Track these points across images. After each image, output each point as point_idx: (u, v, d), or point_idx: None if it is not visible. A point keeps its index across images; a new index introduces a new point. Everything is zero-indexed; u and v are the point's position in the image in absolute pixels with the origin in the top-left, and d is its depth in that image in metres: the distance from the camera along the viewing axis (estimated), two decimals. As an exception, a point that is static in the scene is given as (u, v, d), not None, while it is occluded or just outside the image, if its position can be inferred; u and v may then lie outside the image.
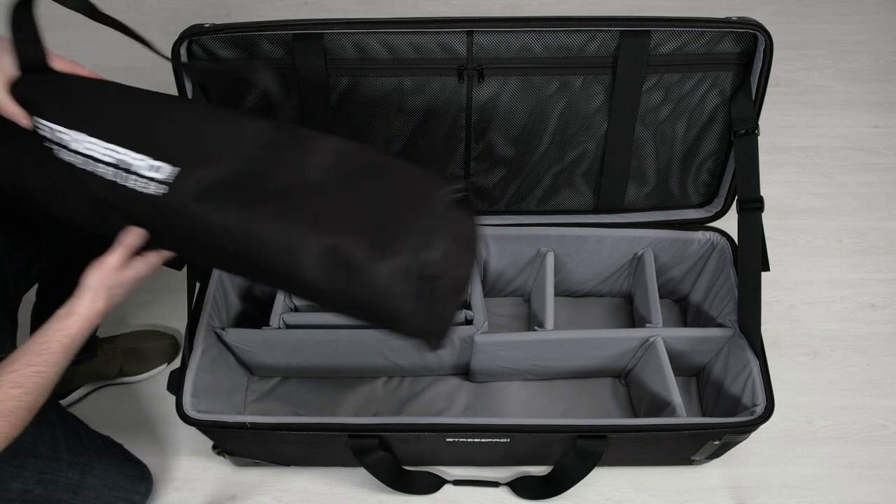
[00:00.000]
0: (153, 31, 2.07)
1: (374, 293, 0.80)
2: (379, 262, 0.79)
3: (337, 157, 0.86)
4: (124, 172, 0.84)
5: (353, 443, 1.12)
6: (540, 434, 1.11)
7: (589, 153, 1.25)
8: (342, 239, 0.80)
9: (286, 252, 0.81)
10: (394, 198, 0.84)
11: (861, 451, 1.35)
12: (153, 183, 0.83)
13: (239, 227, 0.82)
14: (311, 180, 0.85)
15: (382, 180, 0.86)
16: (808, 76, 1.96)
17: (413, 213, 0.82)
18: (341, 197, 0.83)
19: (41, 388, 0.87)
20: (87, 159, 0.85)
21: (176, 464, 1.34)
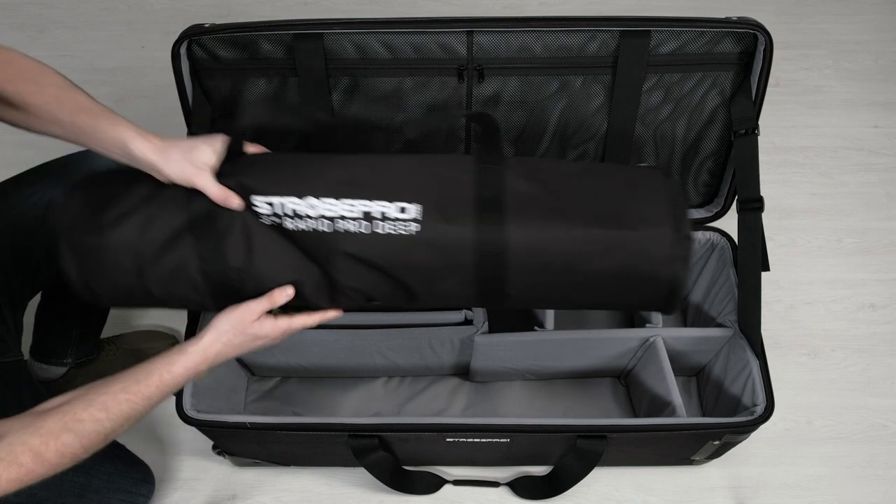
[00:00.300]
0: (153, 31, 2.08)
1: (652, 263, 0.90)
2: (649, 231, 0.90)
3: (545, 168, 0.95)
4: (378, 222, 0.88)
5: (353, 443, 1.12)
6: (540, 434, 1.11)
7: (589, 153, 1.25)
8: (602, 224, 0.89)
9: (581, 252, 0.90)
10: (622, 188, 0.94)
11: (861, 451, 1.35)
12: (411, 223, 0.88)
13: (523, 236, 0.89)
14: (537, 185, 0.92)
15: (599, 177, 0.95)
16: (808, 76, 1.96)
17: (646, 196, 0.93)
18: (575, 196, 0.92)
19: (126, 418, 0.84)
20: (330, 221, 0.88)
21: (176, 464, 1.34)
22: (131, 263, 0.90)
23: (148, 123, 0.92)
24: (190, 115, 1.16)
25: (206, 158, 0.88)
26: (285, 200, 0.88)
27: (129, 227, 0.89)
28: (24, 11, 2.15)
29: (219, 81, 1.16)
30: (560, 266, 0.91)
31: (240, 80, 1.16)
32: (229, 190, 0.88)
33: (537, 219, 0.90)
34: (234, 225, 0.90)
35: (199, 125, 1.17)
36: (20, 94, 0.87)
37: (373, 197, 0.88)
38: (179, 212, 0.90)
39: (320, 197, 0.88)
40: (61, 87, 0.89)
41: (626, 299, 0.96)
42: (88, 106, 0.88)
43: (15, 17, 2.13)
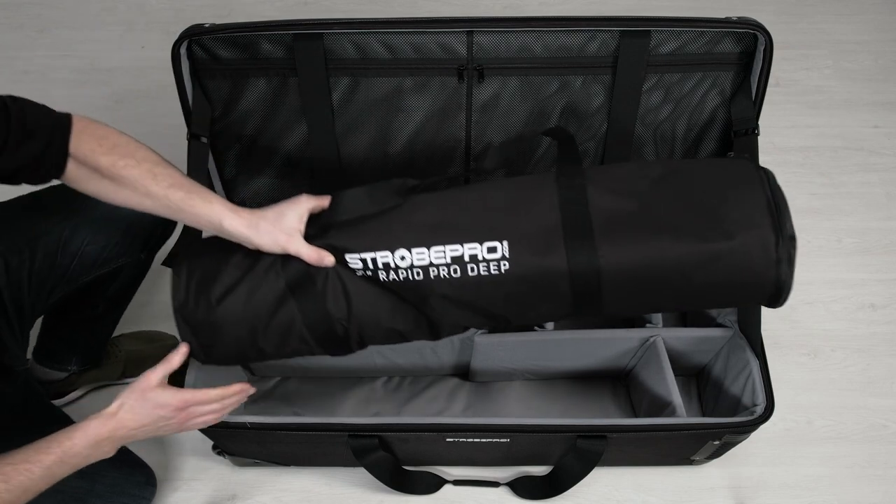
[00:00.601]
0: (153, 31, 2.08)
1: (754, 272, 0.86)
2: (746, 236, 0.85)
3: (626, 178, 0.92)
4: (469, 265, 0.89)
5: (353, 443, 1.12)
6: (540, 434, 1.11)
7: (589, 153, 1.25)
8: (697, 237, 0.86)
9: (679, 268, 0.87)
10: (712, 189, 0.89)
11: (861, 451, 1.35)
12: (501, 262, 0.89)
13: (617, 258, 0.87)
14: (623, 200, 0.89)
15: (685, 179, 0.91)
16: (808, 76, 1.96)
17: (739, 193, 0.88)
18: (663, 206, 0.88)
19: (24, 489, 0.84)
20: (421, 269, 0.91)
21: (176, 464, 1.34)
22: (242, 331, 0.96)
23: (148, 123, 0.92)
24: (190, 115, 1.16)
25: (294, 224, 0.92)
26: (377, 255, 0.91)
27: (235, 300, 0.95)
28: (24, 11, 2.15)
29: (219, 81, 1.16)
30: (657, 282, 0.89)
31: (240, 80, 1.16)
32: (322, 249, 0.92)
33: (628, 238, 0.88)
34: (331, 282, 0.94)
35: (200, 125, 1.17)
36: (116, 166, 0.89)
37: (461, 240, 0.89)
38: (277, 279, 0.94)
39: (410, 248, 0.90)
40: (156, 162, 0.92)
41: (729, 302, 0.94)
42: (181, 182, 0.92)
43: (15, 17, 2.13)
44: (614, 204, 0.89)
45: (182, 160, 1.17)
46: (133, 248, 1.14)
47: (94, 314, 1.25)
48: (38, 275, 1.07)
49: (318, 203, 0.96)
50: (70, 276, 1.10)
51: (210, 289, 0.96)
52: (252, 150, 1.25)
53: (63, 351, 1.32)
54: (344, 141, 1.23)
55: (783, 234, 0.85)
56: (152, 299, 1.53)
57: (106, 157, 0.89)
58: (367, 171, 1.27)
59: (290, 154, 1.26)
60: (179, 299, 0.97)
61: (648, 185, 0.90)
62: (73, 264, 1.10)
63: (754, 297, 0.90)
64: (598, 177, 0.93)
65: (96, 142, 0.90)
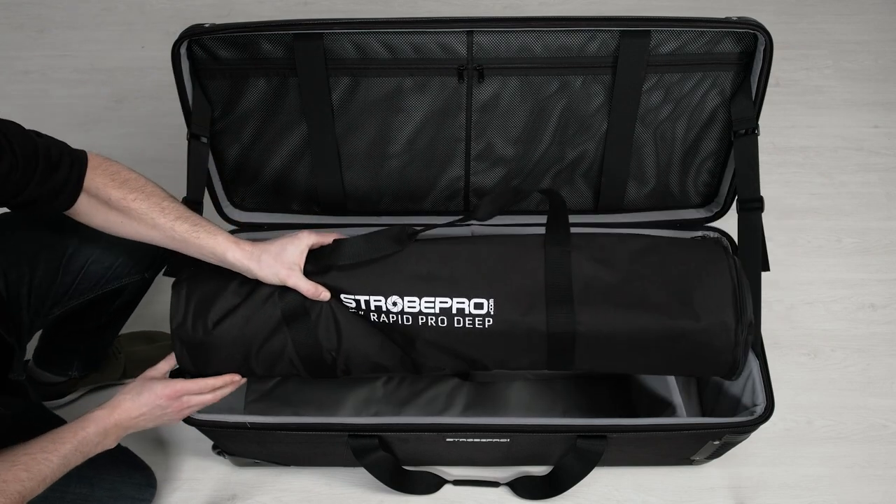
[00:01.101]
0: (153, 31, 2.08)
1: (715, 351, 0.97)
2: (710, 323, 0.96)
3: (609, 249, 1.01)
4: (456, 317, 0.97)
5: (353, 443, 1.12)
6: (540, 434, 1.11)
7: (589, 153, 1.25)
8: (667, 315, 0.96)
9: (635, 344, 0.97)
10: (685, 269, 0.99)
11: (861, 451, 1.35)
12: (486, 318, 0.97)
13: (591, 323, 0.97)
14: (603, 271, 0.98)
15: (661, 256, 1.01)
16: (808, 76, 1.96)
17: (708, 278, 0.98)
18: (641, 281, 0.97)
19: (43, 478, 0.89)
20: (411, 315, 0.98)
21: (176, 464, 1.34)
22: (235, 353, 1.03)
23: (148, 123, 0.93)
24: (190, 115, 1.16)
25: (295, 259, 0.98)
26: (371, 298, 0.98)
27: (231, 325, 1.01)
28: (24, 11, 2.15)
29: (219, 81, 1.16)
30: (627, 348, 0.98)
31: (240, 80, 1.16)
32: (319, 285, 0.98)
33: (605, 307, 0.96)
34: (324, 315, 1.01)
35: (200, 125, 1.17)
36: (126, 199, 0.95)
37: (451, 294, 0.97)
38: (274, 308, 1.00)
39: (403, 296, 0.97)
40: (163, 196, 0.98)
41: (689, 372, 1.05)
42: (187, 215, 0.98)
43: (15, 17, 2.13)
44: (595, 273, 0.98)
45: (182, 160, 1.17)
46: (138, 268, 1.15)
47: (97, 326, 1.25)
48: (37, 290, 1.07)
49: (319, 239, 1.01)
50: (72, 293, 1.11)
51: (208, 312, 1.01)
52: (252, 150, 1.25)
53: (64, 358, 1.32)
54: (344, 141, 1.23)
55: (743, 321, 0.95)
56: (153, 300, 1.53)
57: (117, 191, 0.95)
58: (367, 170, 1.28)
59: (290, 154, 1.26)
60: (178, 320, 1.02)
61: (628, 259, 1.00)
62: (75, 282, 1.10)
63: (712, 370, 1.01)
64: (583, 244, 1.02)
65: (109, 177, 0.95)
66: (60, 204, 0.94)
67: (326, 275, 1.00)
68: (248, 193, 1.31)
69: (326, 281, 0.99)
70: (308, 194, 1.31)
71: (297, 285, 0.97)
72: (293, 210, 1.34)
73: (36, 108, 1.88)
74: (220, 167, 1.27)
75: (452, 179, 1.29)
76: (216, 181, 1.27)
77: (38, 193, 0.91)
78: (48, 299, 1.08)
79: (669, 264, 1.00)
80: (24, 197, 0.91)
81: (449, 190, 1.30)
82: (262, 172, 1.28)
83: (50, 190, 0.92)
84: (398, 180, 1.29)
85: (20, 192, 0.90)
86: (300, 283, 0.97)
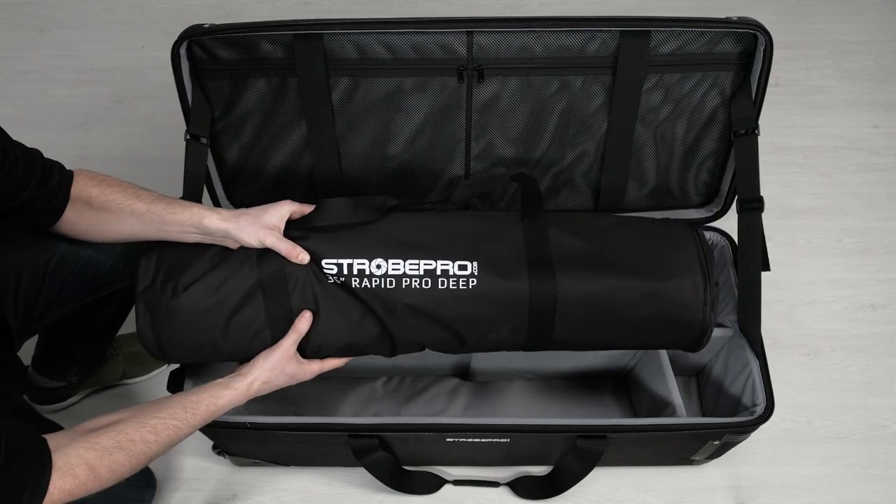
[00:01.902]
0: (153, 32, 2.08)
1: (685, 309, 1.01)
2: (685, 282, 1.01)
3: (583, 225, 1.06)
4: (440, 279, 0.97)
5: (353, 443, 1.12)
6: (540, 434, 1.11)
7: (589, 153, 1.25)
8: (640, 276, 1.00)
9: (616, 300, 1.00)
10: (655, 241, 1.05)
11: (861, 451, 1.35)
12: (470, 279, 0.98)
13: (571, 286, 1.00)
14: (579, 241, 1.03)
15: (633, 232, 1.06)
16: (808, 76, 1.96)
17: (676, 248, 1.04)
18: (614, 249, 1.03)
19: (171, 442, 0.90)
20: (395, 278, 0.97)
21: (176, 464, 1.34)
22: (202, 323, 0.98)
23: (148, 123, 0.93)
24: (190, 115, 1.16)
25: (275, 221, 0.98)
26: (354, 262, 0.97)
27: (202, 288, 0.97)
28: (24, 11, 2.15)
29: (219, 82, 1.16)
30: (603, 312, 1.01)
31: (239, 81, 1.16)
32: (297, 245, 0.97)
33: (583, 271, 1.00)
34: (301, 283, 0.98)
35: (199, 125, 1.17)
36: (104, 193, 0.97)
37: (436, 257, 0.98)
38: (251, 271, 0.98)
39: (388, 259, 0.97)
40: (139, 187, 0.99)
41: (660, 340, 1.06)
42: (162, 197, 0.98)
43: (15, 17, 2.13)
44: (571, 244, 1.03)
45: (182, 160, 1.17)
46: (125, 273, 1.12)
47: (91, 332, 1.24)
48: (24, 299, 1.05)
49: (300, 209, 1.01)
50: (60, 301, 1.09)
51: (179, 276, 0.98)
52: (252, 150, 1.25)
53: (63, 363, 1.31)
54: (344, 141, 1.23)
55: (710, 281, 1.01)
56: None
57: (96, 188, 0.97)
58: (367, 171, 1.27)
59: (290, 154, 1.26)
60: (145, 283, 0.98)
61: (601, 233, 1.05)
62: (62, 290, 1.08)
63: (683, 334, 1.04)
64: (558, 220, 1.06)
65: (89, 179, 0.98)
66: (50, 213, 0.96)
67: (308, 239, 0.99)
68: (248, 193, 1.31)
69: (308, 245, 0.98)
70: (308, 194, 1.31)
71: (276, 245, 0.97)
72: (293, 210, 1.34)
73: (36, 108, 1.88)
74: (220, 167, 1.27)
75: (452, 179, 1.29)
76: (216, 181, 1.27)
77: (33, 196, 0.93)
78: (35, 308, 1.07)
79: (640, 235, 1.06)
80: (22, 199, 0.92)
81: (449, 190, 1.30)
82: (262, 173, 1.28)
83: (45, 194, 0.94)
84: (398, 180, 1.29)
85: (18, 193, 0.92)
86: (278, 244, 0.97)
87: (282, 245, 0.97)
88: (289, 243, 0.97)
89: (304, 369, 1.02)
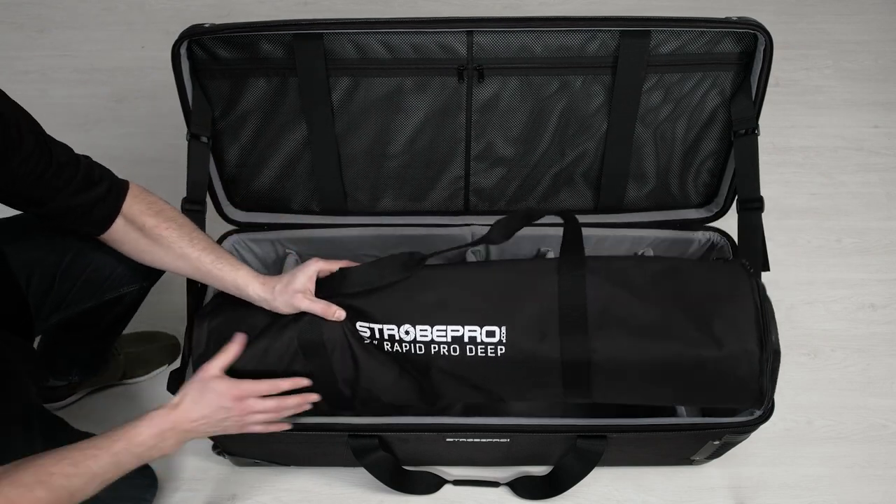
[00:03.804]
0: (153, 32, 2.08)
1: (738, 381, 0.92)
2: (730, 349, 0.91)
3: (626, 274, 0.96)
4: (468, 346, 0.95)
5: (353, 443, 1.12)
6: (540, 434, 1.11)
7: (589, 153, 1.25)
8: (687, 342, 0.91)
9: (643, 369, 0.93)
10: (706, 295, 0.94)
11: (861, 451, 1.35)
12: (498, 346, 0.94)
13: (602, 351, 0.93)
14: (620, 296, 0.94)
15: (681, 282, 0.95)
16: (808, 76, 1.96)
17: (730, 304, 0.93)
18: (658, 306, 0.93)
19: (93, 475, 0.86)
20: (423, 344, 0.96)
21: (177, 464, 1.34)
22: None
23: (148, 123, 0.93)
24: (190, 115, 1.16)
25: (305, 284, 0.99)
26: (384, 327, 0.97)
27: (250, 356, 1.00)
28: (24, 11, 2.15)
29: (219, 81, 1.16)
30: (645, 378, 0.94)
31: (240, 81, 1.16)
32: (330, 303, 0.98)
33: (621, 334, 0.92)
34: (340, 345, 0.99)
35: (200, 125, 1.17)
36: (159, 227, 0.99)
37: (462, 322, 0.95)
38: (291, 337, 1.00)
39: (415, 325, 0.96)
40: (193, 228, 1.03)
41: (712, 402, 0.99)
42: (212, 247, 1.02)
43: (15, 17, 2.13)
44: (612, 297, 0.94)
45: (182, 160, 1.17)
46: (136, 277, 1.14)
47: (95, 333, 1.24)
48: (33, 297, 1.06)
49: (327, 266, 1.02)
50: (69, 301, 1.10)
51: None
52: (252, 150, 1.25)
53: (64, 363, 1.31)
54: (344, 141, 1.23)
55: (767, 348, 0.91)
56: (151, 300, 1.52)
57: (152, 219, 0.99)
58: (367, 171, 1.28)
59: (290, 154, 1.26)
60: (199, 350, 1.04)
61: (646, 282, 0.95)
62: (72, 290, 1.09)
63: (737, 401, 0.97)
64: (599, 267, 0.97)
65: (146, 205, 1.00)
66: (95, 224, 0.98)
67: (339, 302, 1.00)
68: (248, 193, 1.31)
69: (344, 305, 0.99)
70: (308, 194, 1.31)
71: (310, 308, 0.98)
72: (293, 210, 1.34)
73: (36, 108, 1.87)
74: (220, 167, 1.27)
75: (452, 179, 1.29)
76: (216, 181, 1.27)
77: (68, 205, 0.94)
78: (45, 307, 1.08)
79: (690, 288, 0.95)
80: (56, 205, 0.93)
81: (449, 190, 1.30)
82: (263, 172, 1.28)
83: (82, 205, 0.95)
84: (398, 180, 1.29)
85: (51, 197, 0.92)
86: (312, 306, 0.98)
87: (316, 306, 0.98)
88: (322, 303, 0.98)
89: (225, 385, 0.96)
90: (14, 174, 0.88)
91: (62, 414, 1.32)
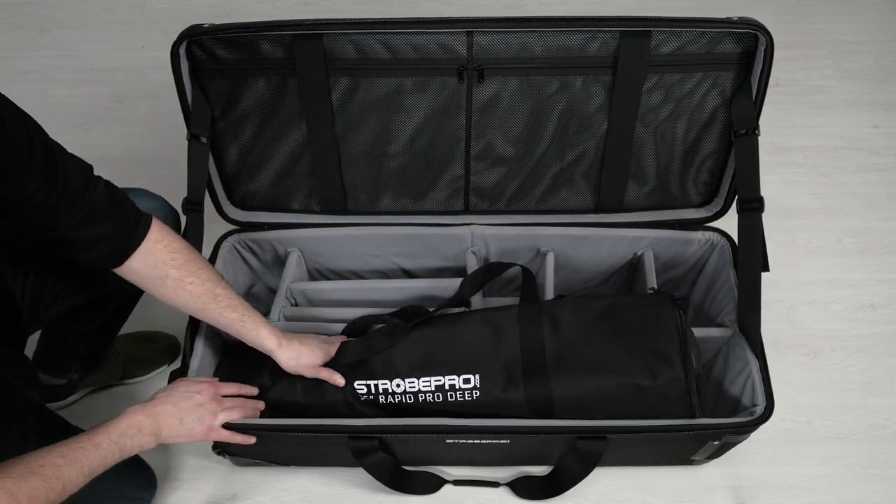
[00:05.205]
0: (153, 32, 2.09)
1: (671, 402, 1.09)
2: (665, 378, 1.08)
3: (574, 318, 1.15)
4: (449, 392, 1.12)
5: (353, 444, 1.12)
6: (540, 435, 1.11)
7: (589, 153, 1.25)
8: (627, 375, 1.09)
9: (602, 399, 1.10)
10: (639, 330, 1.13)
11: (861, 451, 1.35)
12: (473, 391, 1.12)
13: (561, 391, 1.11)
14: (571, 339, 1.13)
15: (618, 320, 1.14)
16: (808, 76, 1.96)
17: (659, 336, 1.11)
18: (601, 347, 1.12)
19: (80, 465, 0.89)
20: (412, 395, 1.13)
21: (176, 464, 1.34)
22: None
23: (148, 123, 0.93)
24: (190, 116, 1.16)
25: (312, 362, 1.12)
26: (379, 383, 1.14)
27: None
28: (24, 11, 2.15)
29: (218, 82, 1.16)
30: (597, 406, 1.11)
31: (239, 81, 1.16)
32: (334, 371, 1.13)
33: (574, 374, 1.10)
34: (340, 402, 1.15)
35: (200, 125, 1.17)
36: (184, 281, 1.01)
37: (443, 373, 1.12)
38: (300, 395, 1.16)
39: (405, 378, 1.13)
40: (217, 282, 1.04)
41: (657, 416, 1.12)
42: (236, 304, 1.06)
43: (15, 17, 2.14)
44: (565, 341, 1.13)
45: (182, 160, 1.17)
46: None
47: (93, 329, 1.24)
48: (30, 292, 1.06)
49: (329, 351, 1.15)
50: (65, 294, 1.10)
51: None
52: (252, 150, 1.25)
53: (64, 360, 1.31)
54: (344, 141, 1.23)
55: (690, 373, 1.09)
56: (151, 299, 1.53)
57: (176, 271, 1.00)
58: (367, 171, 1.28)
59: (290, 154, 1.26)
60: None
61: (590, 323, 1.14)
62: (68, 283, 1.09)
63: (675, 417, 1.10)
64: (555, 310, 1.16)
65: (170, 254, 0.99)
66: (102, 259, 0.96)
67: (340, 366, 1.15)
68: (248, 193, 1.31)
69: (342, 372, 1.14)
70: (308, 194, 1.31)
71: (315, 375, 1.13)
72: (293, 209, 1.34)
73: (36, 108, 1.87)
74: (220, 167, 1.27)
75: (453, 179, 1.29)
76: (216, 181, 1.27)
77: (69, 236, 0.91)
78: (42, 302, 1.08)
79: (626, 322, 1.13)
80: (57, 234, 0.91)
81: (449, 189, 1.30)
82: (262, 172, 1.28)
83: (85, 238, 0.92)
84: (398, 180, 1.29)
85: (52, 223, 0.90)
86: (317, 374, 1.13)
87: (321, 374, 1.12)
88: (327, 371, 1.12)
89: (204, 379, 1.09)
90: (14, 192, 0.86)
91: (63, 413, 1.32)
